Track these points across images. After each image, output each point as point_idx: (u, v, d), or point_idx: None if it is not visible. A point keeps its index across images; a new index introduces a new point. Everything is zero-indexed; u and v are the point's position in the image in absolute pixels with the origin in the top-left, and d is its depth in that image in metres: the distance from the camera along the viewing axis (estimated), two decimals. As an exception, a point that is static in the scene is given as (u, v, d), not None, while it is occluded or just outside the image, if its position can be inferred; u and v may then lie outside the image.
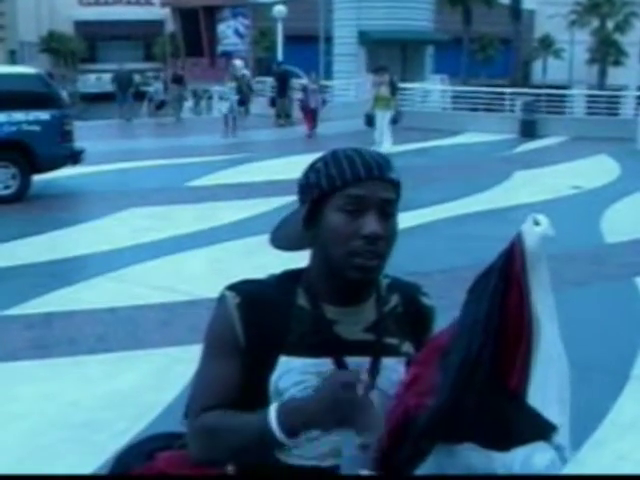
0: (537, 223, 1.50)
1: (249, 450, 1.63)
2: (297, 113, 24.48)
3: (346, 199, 1.63)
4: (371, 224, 1.62)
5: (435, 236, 10.18)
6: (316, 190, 1.68)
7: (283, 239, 1.85)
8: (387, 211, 1.65)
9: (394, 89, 18.95)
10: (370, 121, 18.70)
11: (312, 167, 1.72)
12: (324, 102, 23.87)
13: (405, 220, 8.71)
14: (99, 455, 4.10)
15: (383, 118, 18.13)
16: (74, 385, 5.48)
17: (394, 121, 18.37)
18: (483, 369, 1.50)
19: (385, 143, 17.45)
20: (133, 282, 7.97)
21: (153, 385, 5.45)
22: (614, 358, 6.06)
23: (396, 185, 1.69)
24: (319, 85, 24.10)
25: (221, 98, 23.51)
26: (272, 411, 1.56)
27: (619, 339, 6.48)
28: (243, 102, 24.04)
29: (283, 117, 25.11)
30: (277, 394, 1.65)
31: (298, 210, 1.75)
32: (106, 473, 1.95)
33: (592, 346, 6.22)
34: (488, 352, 1.50)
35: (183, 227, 10.44)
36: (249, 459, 1.68)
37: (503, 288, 1.52)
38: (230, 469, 1.77)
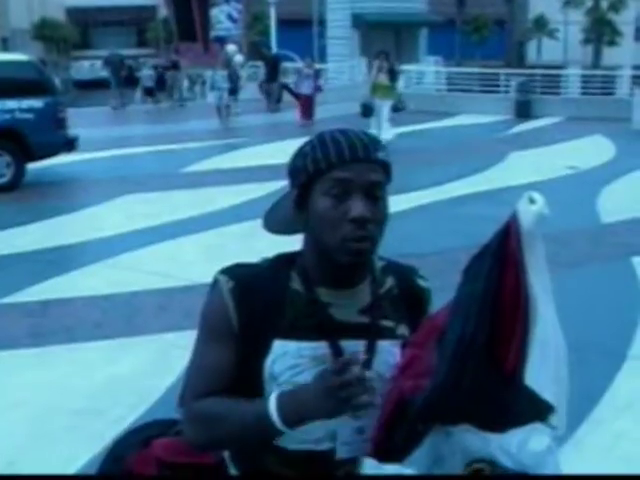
0: (532, 201, 1.48)
1: (247, 438, 1.63)
2: (287, 98, 23.60)
3: (332, 182, 1.62)
4: (358, 207, 1.60)
5: (431, 218, 10.18)
6: (303, 174, 1.66)
7: (276, 223, 1.85)
8: (375, 193, 1.63)
9: (394, 75, 17.37)
10: (367, 111, 16.87)
11: (300, 151, 1.71)
12: (319, 89, 22.08)
13: (400, 202, 8.70)
14: (97, 442, 4.09)
15: (382, 107, 16.47)
16: (71, 372, 5.48)
17: (396, 109, 16.91)
18: (479, 349, 1.49)
19: (384, 134, 15.39)
20: (129, 268, 7.97)
21: (151, 371, 5.45)
22: (611, 338, 6.08)
23: (385, 166, 1.67)
24: (314, 70, 22.18)
25: (212, 87, 22.45)
26: (272, 401, 1.56)
27: (616, 319, 6.49)
28: (234, 90, 22.65)
29: (273, 102, 24.24)
30: (272, 378, 1.65)
31: (289, 193, 1.74)
32: (102, 460, 1.95)
33: (589, 327, 6.23)
34: (484, 333, 1.49)
35: (179, 213, 10.43)
36: (247, 445, 1.68)
37: (499, 268, 1.50)
38: (229, 459, 1.78)
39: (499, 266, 1.51)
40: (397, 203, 10.37)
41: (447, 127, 20.53)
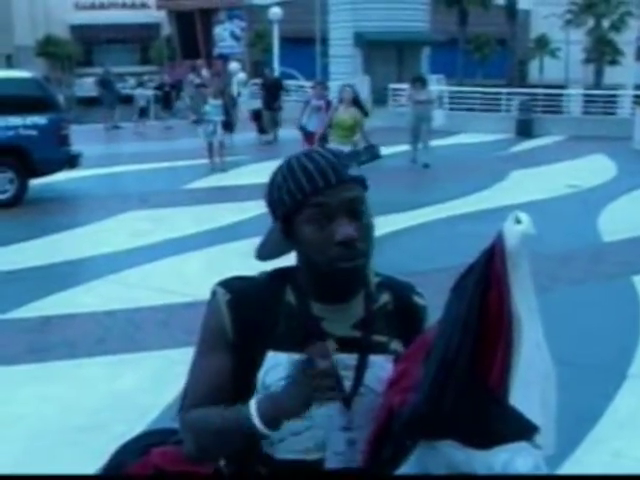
0: (519, 221, 1.47)
1: (234, 443, 1.66)
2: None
3: (312, 210, 1.65)
4: (342, 229, 1.62)
5: (433, 236, 10.19)
6: (281, 207, 1.70)
7: (268, 252, 1.87)
8: (355, 209, 1.66)
9: (361, 111, 12.31)
10: None
11: (272, 183, 1.73)
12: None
13: (403, 220, 8.71)
14: (98, 458, 4.06)
15: None
16: (73, 388, 5.49)
17: (360, 160, 10.55)
18: (462, 367, 1.50)
19: None
20: (132, 284, 7.98)
21: (152, 387, 5.46)
22: (611, 357, 6.07)
23: (358, 180, 1.70)
24: (326, 101, 14.61)
25: (199, 121, 17.14)
26: (253, 404, 1.59)
27: (616, 338, 6.49)
28: (229, 124, 17.24)
29: (272, 132, 21.09)
30: (264, 389, 1.68)
31: (274, 227, 1.76)
32: (103, 468, 1.97)
33: (589, 345, 6.24)
34: (467, 350, 1.50)
35: (181, 229, 10.46)
36: (235, 451, 1.70)
37: (483, 287, 1.51)
38: (224, 469, 1.80)
39: (483, 285, 1.51)
40: (399, 221, 10.46)
41: (449, 146, 20.56)
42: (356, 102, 12.26)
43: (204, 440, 1.68)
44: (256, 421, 1.57)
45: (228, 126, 17.04)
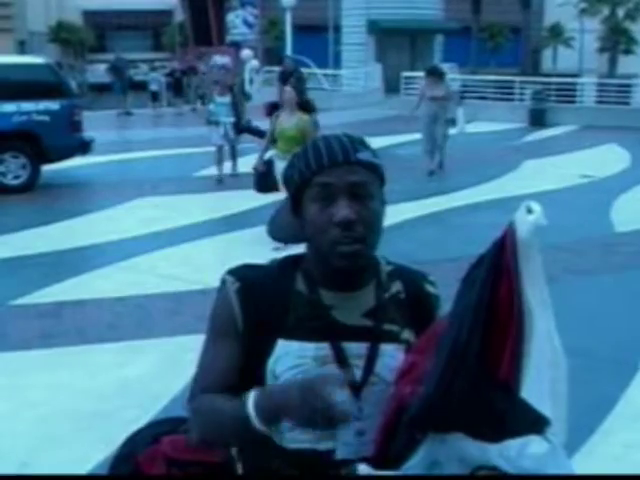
0: (530, 211, 1.46)
1: (235, 433, 1.63)
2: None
3: (315, 189, 1.66)
4: (341, 210, 1.63)
5: (444, 225, 10.17)
6: (292, 184, 1.72)
7: (278, 229, 1.90)
8: (359, 194, 1.65)
9: (310, 113, 10.40)
10: (263, 182, 9.52)
11: (290, 162, 1.76)
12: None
13: (415, 209, 8.69)
14: (109, 444, 4.09)
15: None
16: (84, 374, 5.51)
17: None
18: (471, 358, 1.49)
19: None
20: (143, 271, 7.99)
21: (163, 374, 5.47)
22: (623, 348, 6.04)
23: (368, 165, 1.68)
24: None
25: (210, 121, 14.10)
26: (251, 397, 1.57)
27: (628, 329, 6.46)
28: (245, 129, 14.30)
29: None
30: (273, 377, 1.68)
31: (287, 201, 1.78)
32: (113, 458, 1.98)
33: (601, 336, 6.21)
34: (477, 341, 1.49)
35: (192, 216, 10.47)
36: (239, 441, 1.70)
37: (494, 278, 1.50)
38: (237, 457, 1.79)
39: (494, 276, 1.50)
40: (410, 210, 10.40)
41: (461, 134, 20.46)
42: (303, 105, 10.26)
43: (207, 426, 1.68)
44: (253, 418, 1.55)
45: (242, 130, 14.32)
